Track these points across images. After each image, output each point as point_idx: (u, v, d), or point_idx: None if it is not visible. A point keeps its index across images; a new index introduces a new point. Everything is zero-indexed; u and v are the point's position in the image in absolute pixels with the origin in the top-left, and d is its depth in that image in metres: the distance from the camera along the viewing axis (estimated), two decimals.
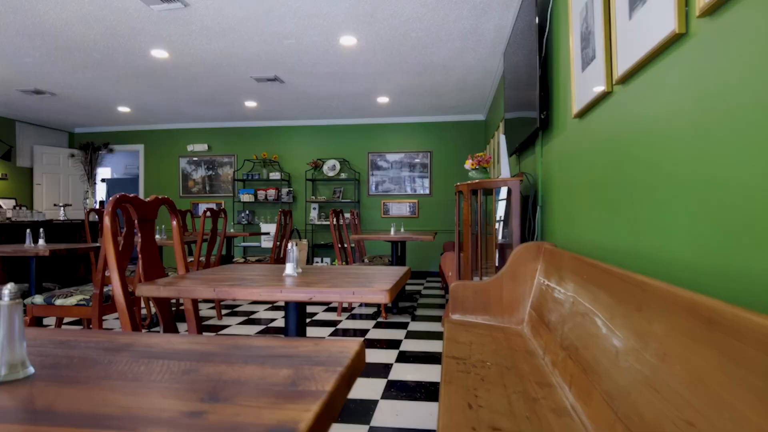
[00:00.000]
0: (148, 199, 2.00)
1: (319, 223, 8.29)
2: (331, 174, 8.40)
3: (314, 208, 8.41)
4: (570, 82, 2.39)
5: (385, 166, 8.35)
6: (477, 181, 3.16)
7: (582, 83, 2.13)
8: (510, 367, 1.89)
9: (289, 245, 1.86)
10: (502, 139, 3.10)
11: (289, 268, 1.83)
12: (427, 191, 8.21)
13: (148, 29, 4.41)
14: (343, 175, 8.41)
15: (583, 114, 2.18)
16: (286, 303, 1.79)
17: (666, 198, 1.37)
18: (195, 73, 5.75)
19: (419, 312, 5.25)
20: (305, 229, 8.54)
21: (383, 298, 1.47)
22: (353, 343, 0.81)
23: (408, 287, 6.94)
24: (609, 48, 1.77)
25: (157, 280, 1.67)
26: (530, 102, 3.06)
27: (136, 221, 1.93)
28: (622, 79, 1.64)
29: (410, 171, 8.28)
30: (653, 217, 1.45)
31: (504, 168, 3.08)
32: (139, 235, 1.93)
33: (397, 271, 1.91)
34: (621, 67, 1.63)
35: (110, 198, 1.79)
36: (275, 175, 8.39)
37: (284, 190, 8.48)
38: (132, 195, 1.91)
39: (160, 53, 5.03)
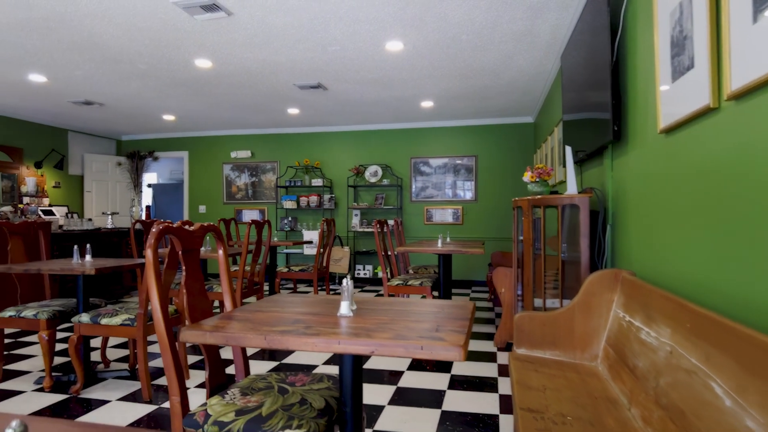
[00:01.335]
0: (193, 227, 1.87)
1: (361, 230, 8.15)
2: (373, 180, 8.25)
3: (356, 215, 8.28)
4: (653, 93, 2.13)
5: (428, 172, 8.13)
6: (540, 197, 2.91)
7: (671, 95, 1.86)
8: (594, 422, 1.66)
9: (344, 281, 1.68)
10: (569, 150, 2.84)
11: (344, 307, 1.66)
12: (473, 197, 7.93)
13: (192, 39, 4.35)
14: (385, 181, 8.24)
15: (672, 130, 1.92)
16: (341, 355, 1.61)
17: None
18: (238, 81, 5.69)
19: None
20: (347, 236, 8.42)
21: (457, 356, 1.27)
22: None
23: (454, 298, 6.70)
24: (717, 56, 1.51)
25: (204, 323, 1.52)
26: (597, 111, 2.80)
27: (180, 252, 1.79)
28: (736, 95, 1.39)
29: (455, 176, 8.02)
30: None
31: (570, 182, 2.82)
32: (183, 268, 1.80)
33: (462, 311, 1.71)
34: (736, 81, 1.37)
35: (153, 230, 1.66)
36: (317, 182, 8.30)
37: (326, 197, 8.38)
38: (176, 225, 1.78)
39: (203, 63, 4.99)
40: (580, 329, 2.33)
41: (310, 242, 6.62)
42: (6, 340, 4.57)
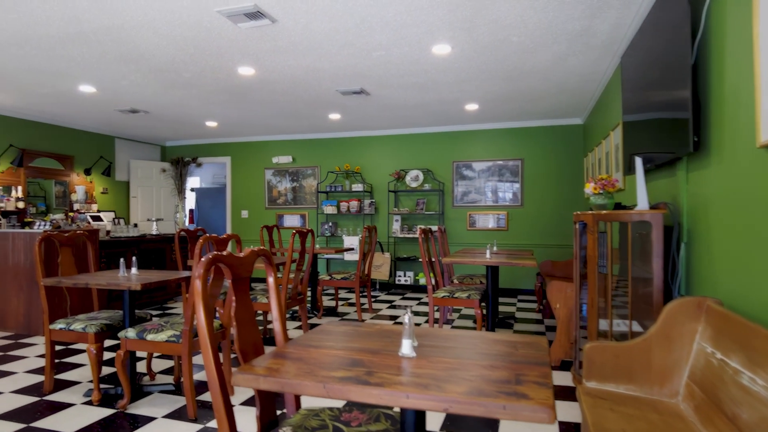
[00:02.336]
0: (243, 253, 1.76)
1: (402, 235, 7.99)
2: (414, 185, 8.08)
3: (396, 220, 8.14)
4: (749, 102, 1.89)
5: (471, 176, 7.90)
6: (605, 212, 2.69)
7: None
8: None
9: (406, 318, 1.54)
10: (639, 163, 2.61)
11: (406, 346, 1.51)
12: (518, 202, 7.66)
13: (235, 47, 4.30)
14: (426, 186, 8.07)
15: None
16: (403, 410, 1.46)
17: None
18: (281, 88, 5.64)
19: None
20: (387, 241, 8.29)
21: (546, 418, 1.11)
22: None
23: (501, 308, 6.47)
24: None
25: (256, 365, 1.40)
26: (669, 118, 2.56)
27: (230, 282, 1.69)
28: None
29: (499, 180, 7.77)
30: None
31: (641, 197, 2.59)
32: (234, 298, 1.69)
33: (539, 353, 1.54)
34: None
35: (202, 259, 1.56)
36: (358, 187, 8.20)
37: (366, 202, 8.28)
38: (226, 252, 1.67)
39: (246, 70, 4.95)
40: (659, 362, 2.11)
41: (352, 249, 6.52)
42: (56, 347, 4.64)
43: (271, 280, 1.84)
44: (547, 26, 3.86)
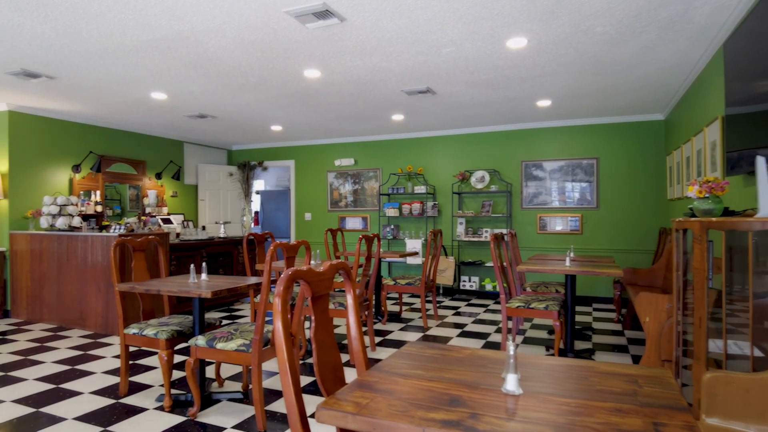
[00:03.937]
0: (323, 267, 1.62)
1: (466, 239, 7.72)
2: (479, 186, 7.79)
3: (461, 223, 7.87)
4: None
5: (541, 176, 7.51)
6: (717, 220, 2.36)
7: None
8: None
9: (509, 348, 1.33)
10: (761, 162, 2.26)
11: (512, 382, 1.30)
12: (593, 204, 7.19)
13: (302, 50, 4.23)
14: (492, 187, 7.75)
15: None
16: None
17: None
18: (346, 90, 5.54)
19: (599, 357, 4.43)
20: (451, 245, 8.04)
21: None
22: None
23: (577, 317, 6.07)
24: None
25: (341, 399, 1.25)
26: None
27: (309, 299, 1.55)
28: None
29: (572, 181, 7.33)
30: None
31: (764, 201, 2.24)
32: (313, 318, 1.55)
33: (668, 391, 1.29)
34: None
35: (282, 275, 1.42)
36: (420, 189, 8.01)
37: (429, 204, 8.07)
38: (306, 268, 1.53)
39: (312, 73, 4.88)
40: None
41: (416, 254, 6.34)
42: (130, 348, 4.75)
43: (350, 298, 1.69)
44: (637, 14, 3.51)
